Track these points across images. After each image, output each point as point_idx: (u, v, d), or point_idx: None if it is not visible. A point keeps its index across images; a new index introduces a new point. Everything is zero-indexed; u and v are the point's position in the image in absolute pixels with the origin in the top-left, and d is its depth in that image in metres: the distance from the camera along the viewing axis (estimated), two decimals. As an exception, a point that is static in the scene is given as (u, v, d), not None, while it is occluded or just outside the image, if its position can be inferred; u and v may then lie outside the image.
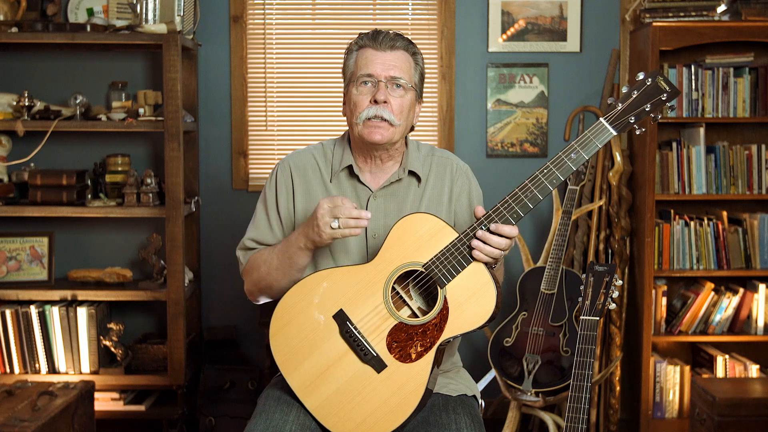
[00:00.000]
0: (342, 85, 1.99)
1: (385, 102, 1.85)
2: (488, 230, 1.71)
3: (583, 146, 1.69)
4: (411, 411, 1.71)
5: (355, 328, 1.75)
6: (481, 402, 2.05)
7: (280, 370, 1.80)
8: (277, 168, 2.01)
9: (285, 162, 2.01)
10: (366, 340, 1.74)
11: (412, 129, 2.00)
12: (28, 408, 2.70)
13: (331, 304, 1.77)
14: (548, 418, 3.04)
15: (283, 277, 1.88)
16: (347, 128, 1.99)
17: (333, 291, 1.78)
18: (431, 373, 1.73)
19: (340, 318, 1.76)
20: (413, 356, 1.73)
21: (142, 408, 3.30)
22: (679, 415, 3.41)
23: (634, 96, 1.68)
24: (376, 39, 1.89)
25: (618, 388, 3.41)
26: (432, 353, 1.73)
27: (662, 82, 1.66)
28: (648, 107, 1.67)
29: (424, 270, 1.75)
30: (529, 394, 2.90)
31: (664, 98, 1.67)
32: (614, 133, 1.68)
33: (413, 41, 1.96)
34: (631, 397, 3.53)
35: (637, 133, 1.71)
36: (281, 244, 1.89)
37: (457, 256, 1.73)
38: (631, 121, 1.68)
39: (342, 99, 1.98)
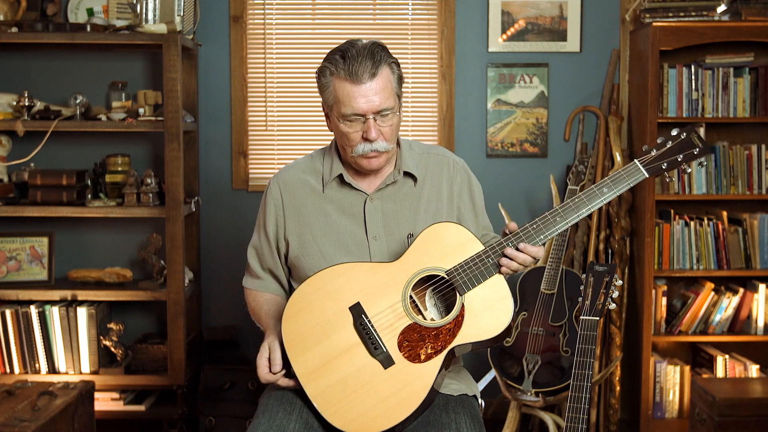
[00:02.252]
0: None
1: (377, 137, 1.84)
2: (516, 248, 1.76)
3: (614, 182, 1.78)
4: (410, 411, 1.71)
5: (369, 322, 1.75)
6: (481, 402, 2.05)
7: (287, 354, 1.79)
8: (267, 189, 2.03)
9: (274, 180, 2.02)
10: (378, 335, 1.74)
11: None
12: (28, 408, 2.70)
13: (349, 296, 1.78)
14: (548, 418, 3.04)
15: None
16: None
17: (353, 284, 1.78)
18: (438, 375, 1.73)
19: (356, 310, 1.77)
20: (422, 357, 1.73)
21: (142, 408, 3.30)
22: (679, 415, 3.41)
23: (668, 146, 1.80)
24: (351, 72, 1.78)
25: (618, 388, 3.41)
26: (441, 357, 1.73)
27: (696, 138, 1.79)
28: (680, 158, 1.79)
29: (446, 276, 1.76)
30: (529, 394, 2.90)
31: (696, 153, 1.78)
32: (646, 175, 1.78)
33: (386, 45, 1.87)
34: (631, 397, 3.53)
35: (668, 180, 1.86)
36: (263, 313, 1.97)
37: (481, 267, 1.76)
38: (663, 168, 1.79)
39: (323, 111, 1.95)
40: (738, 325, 3.40)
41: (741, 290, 3.38)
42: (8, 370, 3.23)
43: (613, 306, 2.06)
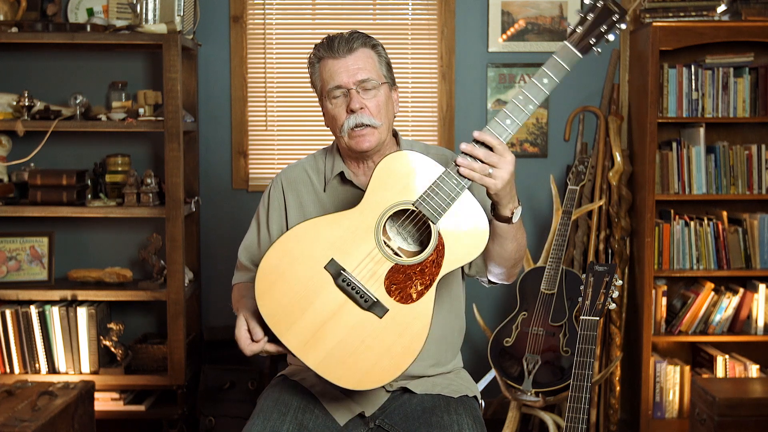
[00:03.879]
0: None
1: (361, 108, 1.85)
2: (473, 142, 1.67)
3: (552, 69, 1.69)
4: (417, 353, 1.65)
5: (351, 276, 1.68)
6: (481, 402, 2.05)
7: (272, 331, 1.69)
8: (270, 185, 2.04)
9: (277, 178, 2.03)
10: (364, 287, 1.67)
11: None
12: (28, 408, 2.70)
13: (321, 255, 1.69)
14: (548, 418, 3.04)
15: None
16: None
17: (320, 241, 1.69)
18: (434, 309, 1.68)
19: (333, 267, 1.68)
20: (414, 296, 1.67)
21: (142, 408, 3.30)
22: (679, 415, 3.41)
23: (589, 19, 1.72)
24: (332, 47, 1.87)
25: (618, 388, 3.41)
26: (433, 291, 1.67)
27: (611, 4, 1.71)
28: (604, 28, 1.71)
29: (414, 208, 1.69)
30: (529, 394, 2.90)
31: (615, 19, 1.71)
32: (580, 55, 1.70)
33: (371, 36, 1.93)
34: (631, 397, 3.53)
35: (599, 51, 1.73)
36: (244, 300, 1.88)
37: (446, 189, 1.67)
38: (592, 43, 1.72)
39: (321, 110, 1.98)
40: (738, 325, 3.40)
41: (741, 290, 3.38)
42: (8, 370, 3.23)
43: (613, 306, 2.07)
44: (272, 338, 1.71)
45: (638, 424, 3.41)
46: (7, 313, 3.22)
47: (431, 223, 1.68)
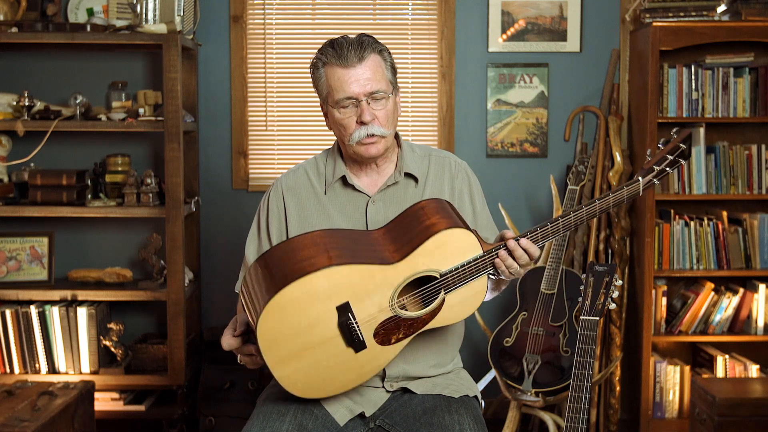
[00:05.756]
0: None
1: (372, 120, 1.85)
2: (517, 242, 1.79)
3: (614, 194, 1.86)
4: (363, 382, 1.79)
5: (354, 322, 1.72)
6: (481, 402, 2.05)
7: (258, 342, 1.68)
8: (270, 189, 2.03)
9: (278, 183, 2.02)
10: (359, 331, 1.73)
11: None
12: (28, 408, 2.70)
13: (339, 297, 1.72)
14: (548, 418, 3.04)
15: None
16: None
17: (345, 286, 1.72)
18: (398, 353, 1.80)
19: (344, 311, 1.71)
20: (392, 341, 1.77)
21: (142, 408, 3.30)
22: (679, 415, 3.41)
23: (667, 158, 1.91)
24: (341, 56, 1.83)
25: (618, 388, 3.41)
26: (408, 339, 1.78)
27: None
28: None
29: (439, 277, 1.77)
30: (529, 394, 2.90)
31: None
32: (641, 190, 1.89)
33: (378, 39, 1.92)
34: (631, 397, 3.53)
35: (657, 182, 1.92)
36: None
37: (474, 270, 1.78)
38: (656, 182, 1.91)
39: (321, 110, 1.96)
40: (738, 325, 3.40)
41: (741, 290, 3.38)
42: (8, 370, 3.23)
43: (613, 306, 2.06)
44: (250, 341, 1.77)
45: (638, 424, 3.42)
46: (7, 313, 3.22)
47: (443, 291, 1.77)
